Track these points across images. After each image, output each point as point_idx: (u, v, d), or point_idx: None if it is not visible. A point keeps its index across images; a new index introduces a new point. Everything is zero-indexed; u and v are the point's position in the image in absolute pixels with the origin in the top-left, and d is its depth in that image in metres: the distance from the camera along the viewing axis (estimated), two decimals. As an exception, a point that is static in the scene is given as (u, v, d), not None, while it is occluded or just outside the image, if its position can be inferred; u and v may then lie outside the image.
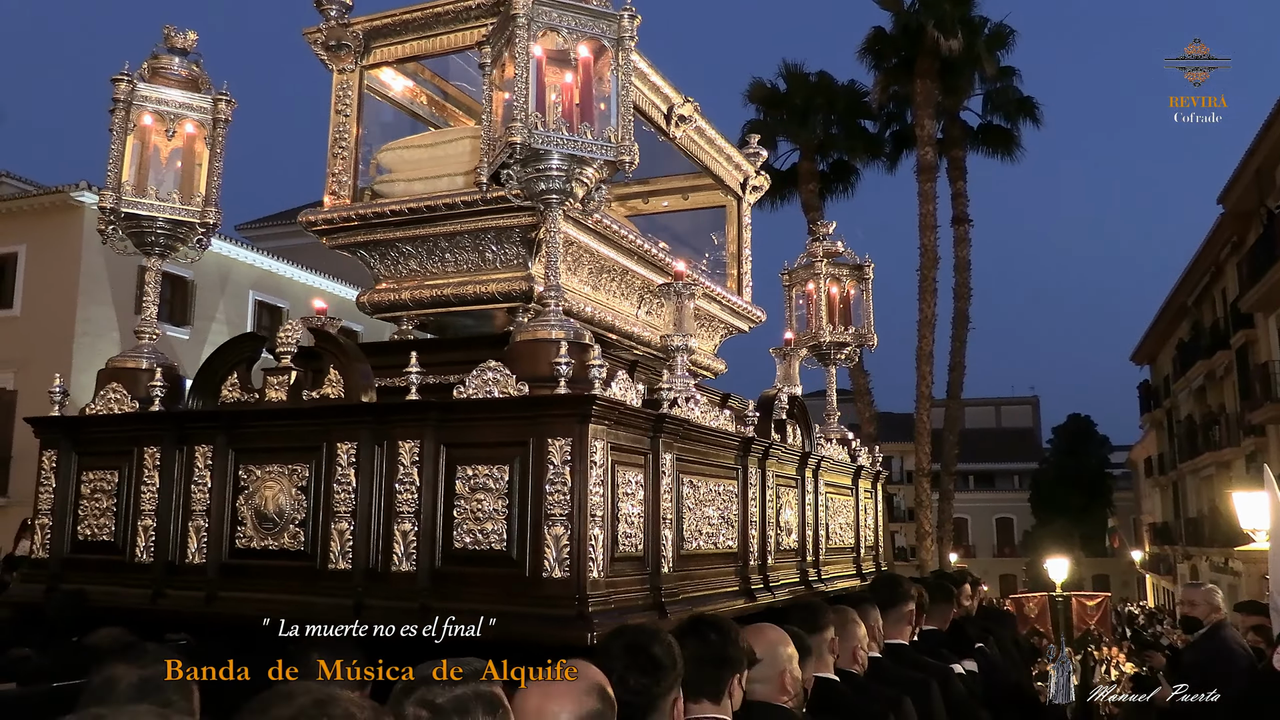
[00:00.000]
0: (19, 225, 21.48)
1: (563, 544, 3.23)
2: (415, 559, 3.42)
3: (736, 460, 4.35)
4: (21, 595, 4.16)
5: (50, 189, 21.84)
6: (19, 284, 21.49)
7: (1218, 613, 5.95)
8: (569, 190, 3.62)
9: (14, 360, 20.79)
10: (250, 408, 3.77)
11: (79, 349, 20.57)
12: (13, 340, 20.90)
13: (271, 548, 3.65)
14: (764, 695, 3.28)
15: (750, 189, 6.12)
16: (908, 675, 4.55)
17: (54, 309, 20.75)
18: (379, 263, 4.67)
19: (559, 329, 3.51)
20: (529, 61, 3.51)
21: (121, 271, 21.49)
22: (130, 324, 21.50)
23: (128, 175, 4.16)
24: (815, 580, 5.05)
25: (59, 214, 21.27)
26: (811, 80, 25.26)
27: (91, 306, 20.93)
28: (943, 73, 23.52)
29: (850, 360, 6.39)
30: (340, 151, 4.67)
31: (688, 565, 3.88)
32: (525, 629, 3.17)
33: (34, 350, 20.59)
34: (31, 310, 21.16)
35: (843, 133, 25.51)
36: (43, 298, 21.00)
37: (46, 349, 20.46)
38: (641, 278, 5.08)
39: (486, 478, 3.37)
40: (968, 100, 25.10)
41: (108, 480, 4.00)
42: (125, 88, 4.17)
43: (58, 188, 21.42)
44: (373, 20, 4.64)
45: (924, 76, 23.22)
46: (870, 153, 25.73)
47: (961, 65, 23.73)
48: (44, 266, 21.15)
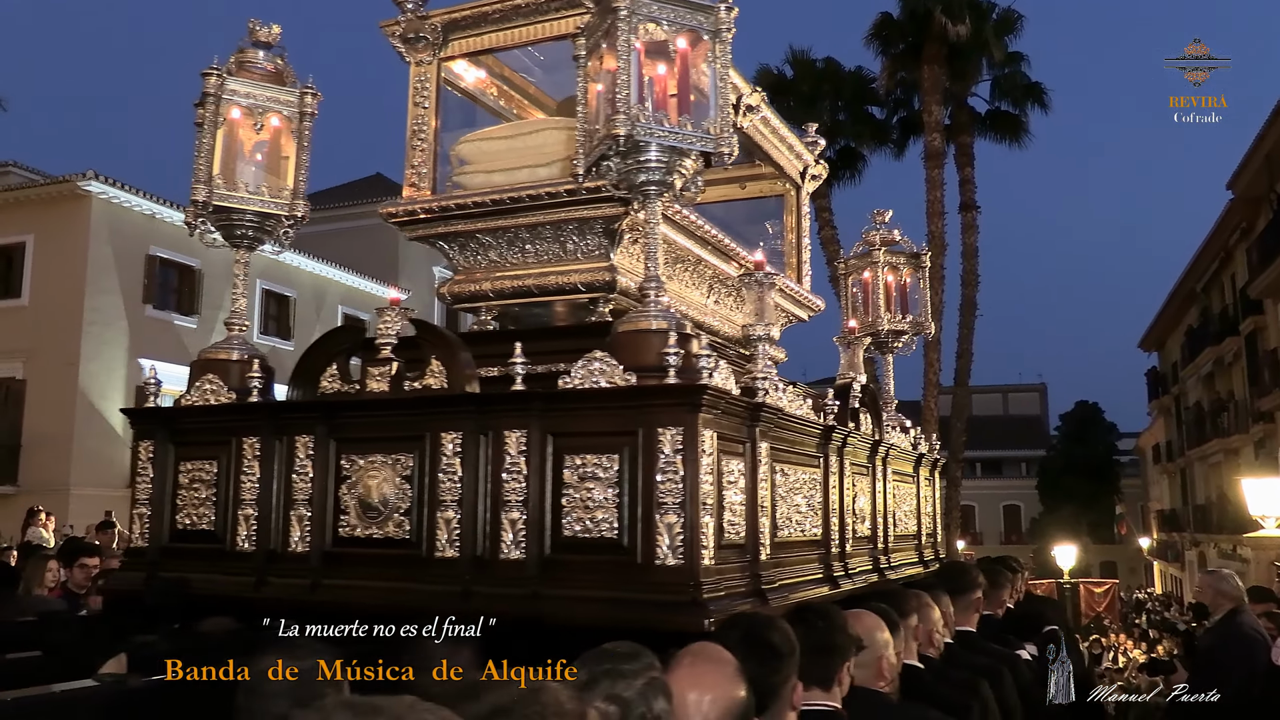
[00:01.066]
0: (26, 215, 21.53)
1: (675, 532, 3.29)
2: (524, 546, 3.48)
3: (818, 449, 4.41)
4: (120, 583, 4.22)
5: (57, 178, 21.88)
6: (27, 273, 21.53)
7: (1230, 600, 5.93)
8: (668, 182, 3.66)
9: (22, 349, 20.95)
10: (351, 398, 3.82)
11: (87, 338, 20.77)
12: (21, 330, 21.01)
13: (376, 536, 3.70)
14: (862, 681, 3.32)
15: (809, 177, 6.17)
16: (980, 661, 4.61)
17: (61, 298, 20.85)
18: (458, 254, 4.71)
19: (662, 319, 3.56)
20: (630, 54, 3.55)
21: (128, 262, 21.57)
22: (137, 313, 21.62)
23: (217, 169, 4.19)
24: (886, 567, 5.11)
25: (66, 203, 21.33)
26: (818, 67, 25.20)
27: (99, 295, 21.05)
28: (950, 58, 23.40)
29: (908, 349, 6.45)
30: (419, 144, 4.71)
31: (780, 553, 3.94)
32: (639, 615, 3.22)
33: (42, 339, 20.79)
34: (39, 300, 21.23)
35: (850, 119, 25.46)
36: (50, 287, 21.07)
37: (54, 338, 20.68)
38: (712, 267, 5.13)
39: (595, 466, 3.42)
40: (975, 86, 25.01)
41: (206, 470, 4.04)
42: (214, 82, 4.20)
43: (65, 177, 21.48)
44: (451, 13, 4.67)
45: (931, 62, 23.11)
46: (877, 139, 25.68)
47: (969, 51, 23.62)
48: (51, 256, 21.24)
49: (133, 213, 21.72)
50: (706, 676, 2.31)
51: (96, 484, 19.83)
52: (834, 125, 25.27)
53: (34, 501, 14.65)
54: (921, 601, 4.30)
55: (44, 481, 19.54)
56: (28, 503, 15.07)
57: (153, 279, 22.20)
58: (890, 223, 6.54)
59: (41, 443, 20.42)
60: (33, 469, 20.34)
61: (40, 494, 17.49)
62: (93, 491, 19.37)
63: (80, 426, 20.42)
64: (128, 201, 21.60)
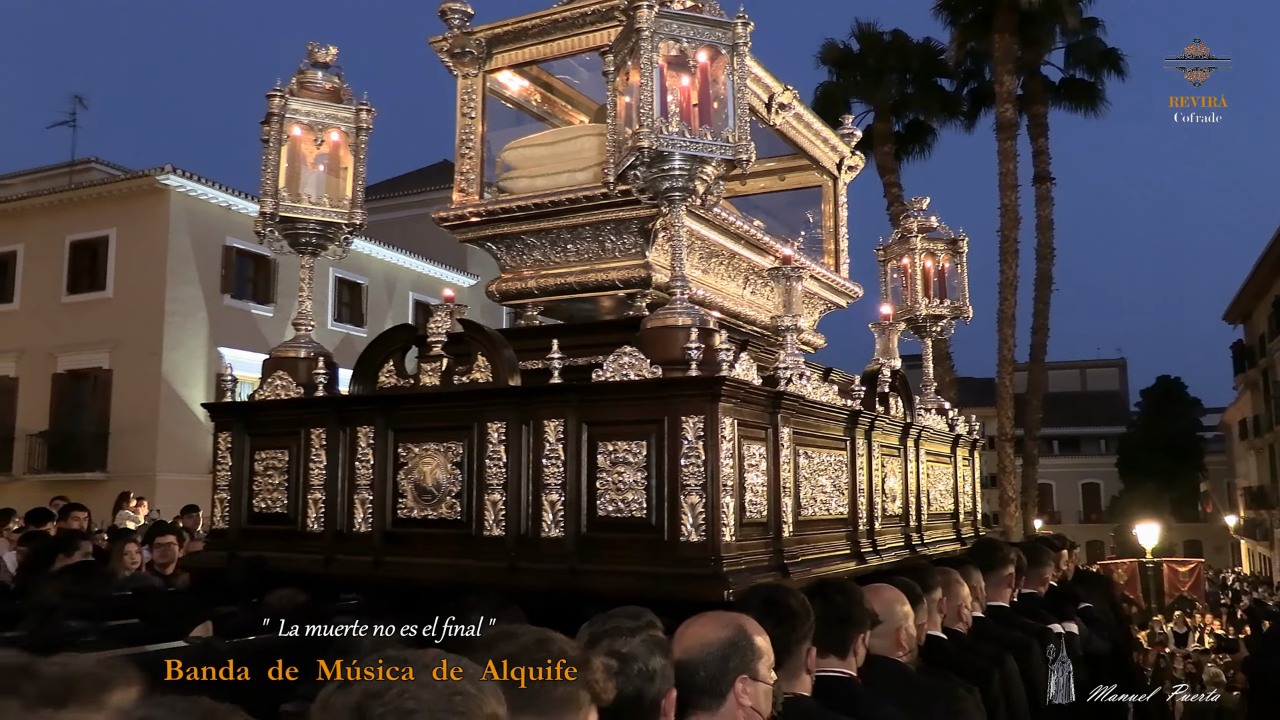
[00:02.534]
0: (108, 210, 22.32)
1: (698, 511, 3.59)
2: (563, 526, 3.81)
3: (845, 432, 4.66)
4: (204, 561, 4.66)
5: (137, 173, 22.62)
6: (110, 266, 22.31)
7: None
8: (691, 188, 3.94)
9: (108, 340, 21.74)
10: (406, 392, 4.18)
11: (168, 328, 21.49)
12: (106, 321, 21.82)
13: (430, 517, 4.07)
14: (881, 650, 3.59)
15: (846, 168, 6.38)
16: (1009, 635, 4.82)
17: (144, 290, 21.57)
18: (505, 254, 5.05)
19: (686, 316, 3.84)
20: (653, 70, 3.82)
21: (206, 253, 22.26)
22: (215, 302, 22.33)
23: (283, 182, 4.57)
24: (919, 545, 5.35)
25: (146, 197, 22.03)
26: (885, 39, 24.90)
27: (179, 287, 21.73)
28: (1022, 26, 22.94)
29: (946, 333, 6.64)
30: (467, 151, 5.05)
31: (804, 530, 4.21)
32: (666, 587, 3.52)
33: (126, 330, 21.54)
34: (123, 292, 21.99)
35: (918, 92, 25.20)
36: (133, 279, 21.80)
37: (137, 329, 21.42)
38: (747, 260, 5.39)
39: (626, 452, 3.74)
40: (1048, 54, 24.58)
41: (278, 458, 4.45)
42: (279, 102, 4.58)
43: (144, 172, 22.17)
44: (494, 28, 4.98)
45: (1002, 31, 22.69)
46: (947, 112, 25.38)
47: (1041, 18, 23.09)
48: (133, 249, 21.95)
49: (209, 205, 22.37)
50: (702, 617, 2.65)
51: (181, 470, 20.54)
52: (902, 98, 25.01)
53: (122, 487, 15.27)
54: (949, 577, 4.54)
55: (131, 468, 20.30)
56: (116, 488, 15.68)
57: (230, 269, 22.88)
58: (928, 209, 6.72)
59: (128, 430, 21.21)
60: (120, 456, 21.13)
61: (127, 480, 18.17)
62: (177, 477, 20.08)
63: (164, 414, 21.17)
64: (204, 194, 22.23)
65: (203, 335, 22.13)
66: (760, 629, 2.69)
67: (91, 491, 17.96)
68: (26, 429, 22.31)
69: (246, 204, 22.88)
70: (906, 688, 3.59)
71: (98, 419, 21.87)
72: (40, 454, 22.10)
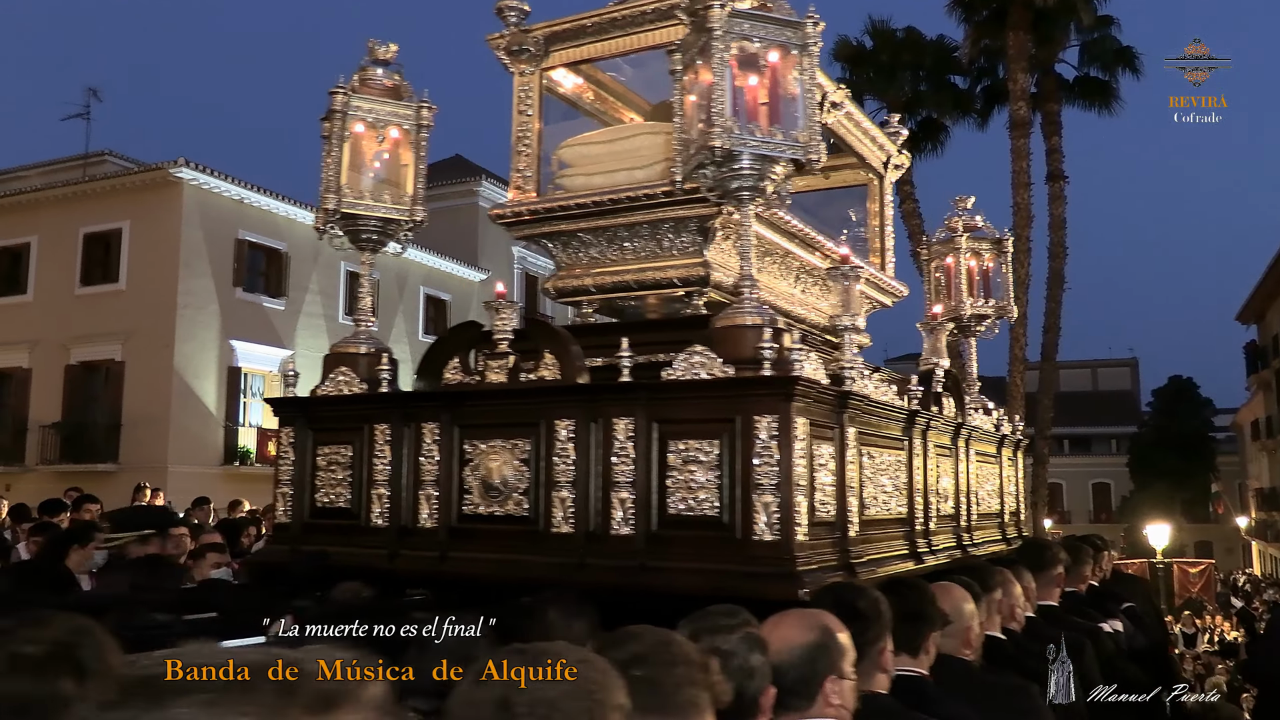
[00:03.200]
0: (122, 202, 22.32)
1: (772, 510, 3.61)
2: (633, 523, 3.83)
3: (903, 432, 4.68)
4: (267, 555, 4.69)
5: (150, 166, 22.58)
6: (123, 259, 22.30)
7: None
8: (760, 187, 3.95)
9: (121, 332, 21.74)
10: (473, 389, 4.20)
11: (181, 320, 21.47)
12: (119, 313, 21.80)
13: (497, 513, 4.09)
14: (949, 649, 3.61)
15: (892, 167, 6.39)
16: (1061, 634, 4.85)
17: (156, 282, 21.55)
18: (560, 251, 5.06)
19: (756, 315, 3.86)
20: (724, 70, 3.83)
21: (218, 246, 22.27)
22: (227, 295, 22.32)
23: (344, 179, 4.59)
24: (969, 545, 5.37)
25: (159, 190, 22.00)
26: (899, 36, 24.65)
27: (192, 279, 21.73)
28: (1036, 24, 22.72)
29: (990, 332, 6.65)
30: (523, 149, 5.06)
31: (868, 530, 4.23)
32: (738, 585, 3.53)
33: (139, 322, 21.51)
34: (136, 284, 21.99)
35: (931, 89, 24.95)
36: (146, 272, 21.79)
37: (151, 321, 21.39)
38: (799, 259, 5.40)
39: (697, 451, 3.75)
40: (1063, 52, 24.27)
41: (341, 454, 4.47)
42: (341, 99, 4.59)
43: (157, 165, 22.15)
44: (553, 26, 5.00)
45: (1017, 28, 22.48)
46: (960, 109, 25.11)
47: (1056, 15, 22.86)
48: (146, 242, 21.94)
49: (222, 198, 22.39)
50: (788, 618, 2.66)
51: (192, 462, 20.67)
52: (915, 96, 24.74)
53: (134, 479, 15.23)
54: (1004, 577, 4.57)
55: (143, 459, 20.24)
56: (129, 480, 15.68)
57: (242, 262, 22.89)
58: (973, 208, 6.73)
59: (140, 422, 21.18)
60: (132, 447, 21.10)
61: (139, 471, 18.02)
62: (189, 469, 20.18)
63: (176, 406, 21.20)
64: (217, 187, 22.24)
65: (214, 328, 22.15)
66: (842, 626, 2.71)
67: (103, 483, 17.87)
68: (39, 420, 22.34)
69: (258, 197, 22.92)
70: (976, 687, 3.62)
71: (110, 410, 21.85)
72: (53, 445, 22.12)
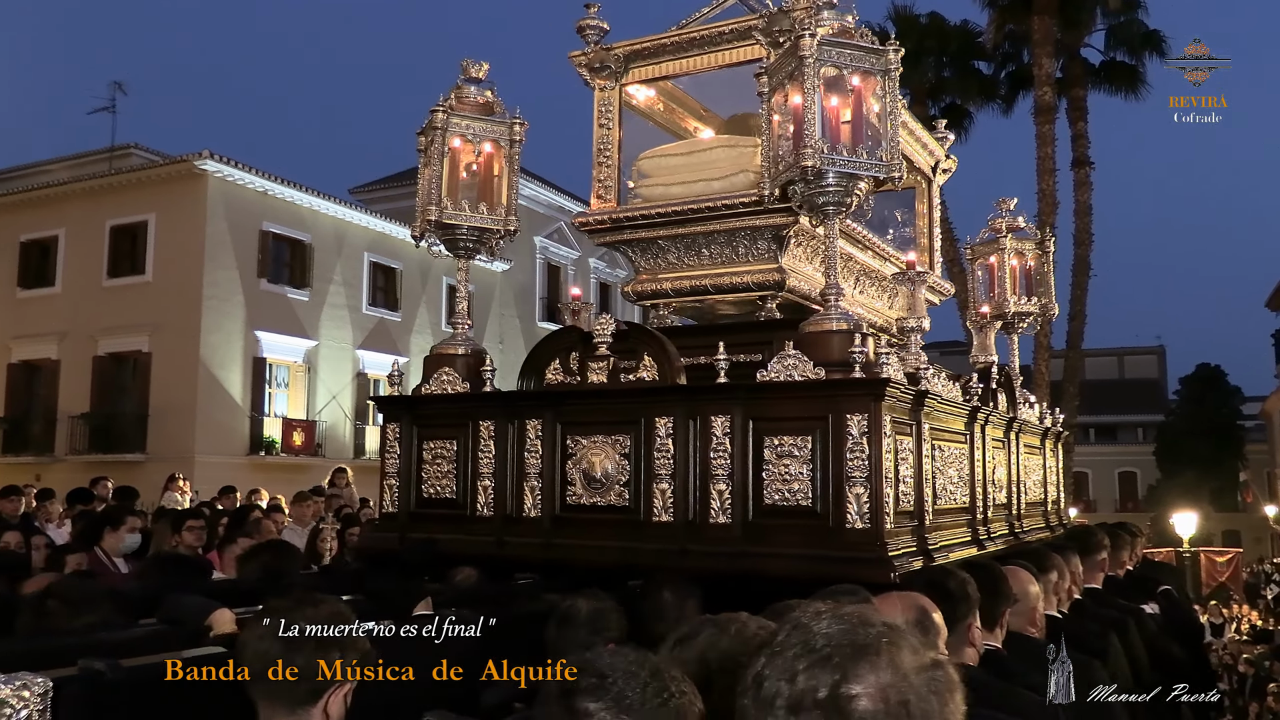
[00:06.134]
0: (147, 195, 22.45)
1: (863, 501, 3.94)
2: (730, 513, 4.16)
3: (965, 426, 5.01)
4: (375, 542, 5.03)
5: (175, 158, 22.74)
6: (150, 251, 22.46)
7: None
8: (845, 203, 4.27)
9: (148, 323, 21.87)
10: (576, 389, 4.53)
11: (207, 311, 21.60)
12: (146, 305, 21.98)
13: (599, 504, 4.43)
14: (1016, 627, 3.96)
15: (940, 171, 6.71)
16: (1108, 614, 5.19)
17: (182, 274, 21.73)
18: (639, 257, 5.39)
19: (844, 321, 4.19)
20: (815, 94, 4.15)
21: (243, 237, 22.43)
22: (252, 286, 22.51)
23: (445, 191, 4.91)
24: (1020, 531, 5.71)
25: (184, 182, 22.14)
26: (922, 22, 24.36)
27: (217, 271, 21.89)
28: (1062, 8, 22.46)
29: (1033, 329, 6.97)
30: (604, 160, 5.38)
31: (939, 518, 4.57)
32: (832, 570, 3.85)
33: (165, 314, 21.66)
34: (161, 275, 22.14)
35: (955, 75, 24.67)
36: (171, 263, 21.97)
37: (177, 312, 21.52)
38: (861, 263, 5.72)
39: (792, 446, 4.09)
40: (1089, 36, 23.93)
41: (446, 448, 4.80)
42: (441, 117, 4.91)
43: (182, 157, 22.28)
44: (633, 45, 5.31)
45: (1042, 13, 22.19)
46: (985, 95, 24.83)
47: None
48: (172, 233, 22.10)
49: (246, 190, 22.54)
50: (889, 600, 3.00)
51: (219, 452, 20.87)
52: (939, 82, 24.40)
53: (162, 469, 15.49)
54: (1058, 560, 4.91)
55: (170, 450, 20.45)
56: (156, 470, 15.90)
57: (266, 253, 22.99)
58: (1015, 209, 7.05)
59: (167, 413, 21.39)
60: (159, 438, 21.29)
61: (167, 462, 18.31)
62: (216, 459, 20.32)
63: (202, 397, 21.40)
64: (241, 179, 22.37)
65: (240, 319, 22.31)
66: (935, 607, 3.05)
67: (131, 473, 18.12)
68: (68, 411, 22.59)
69: (282, 189, 23.12)
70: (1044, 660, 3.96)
71: (137, 401, 22.08)
72: (81, 435, 22.37)
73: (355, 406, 24.00)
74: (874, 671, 1.14)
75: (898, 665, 1.15)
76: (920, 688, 1.15)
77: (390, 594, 3.75)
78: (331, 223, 24.40)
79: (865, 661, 1.15)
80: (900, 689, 1.14)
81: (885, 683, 1.14)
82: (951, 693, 1.18)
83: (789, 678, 1.16)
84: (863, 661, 1.15)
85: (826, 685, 1.14)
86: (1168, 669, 5.55)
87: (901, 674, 1.15)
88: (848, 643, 1.17)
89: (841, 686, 1.13)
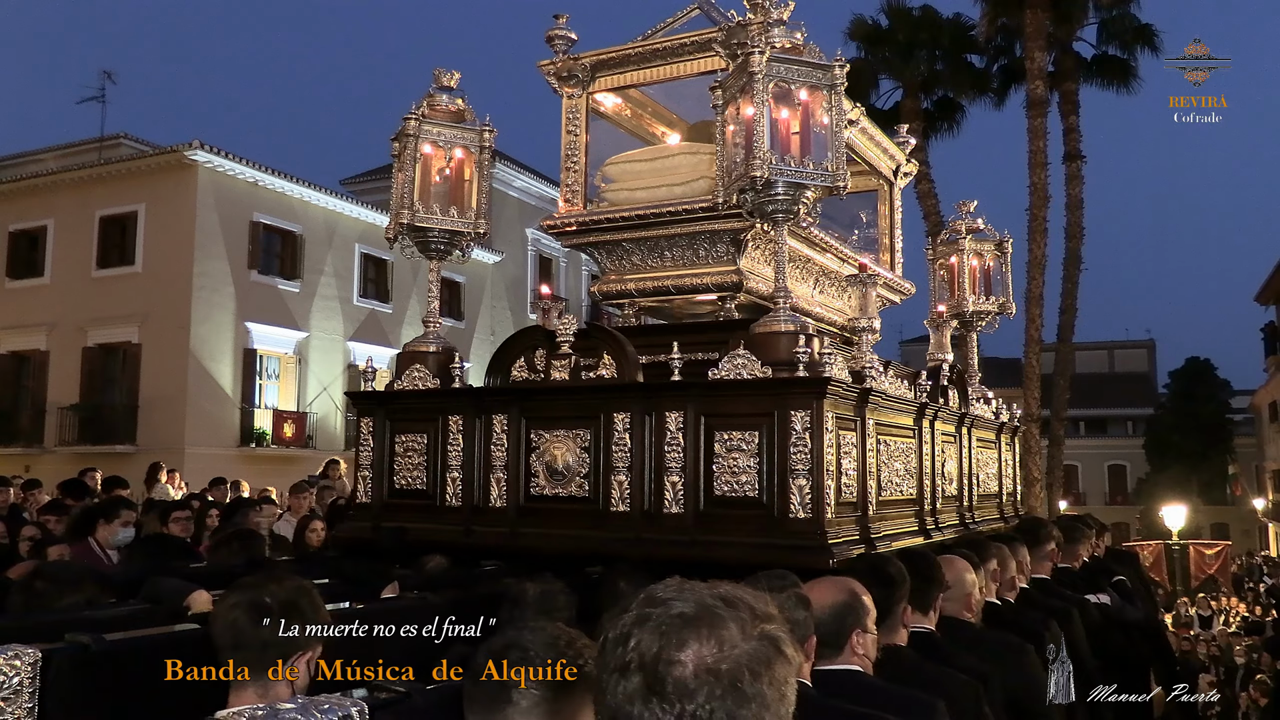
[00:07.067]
0: (137, 185, 22.50)
1: (805, 492, 4.19)
2: (683, 503, 4.41)
3: (914, 422, 5.26)
4: (349, 532, 5.27)
5: (165, 149, 22.73)
6: (139, 241, 22.52)
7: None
8: (793, 210, 4.51)
9: (137, 314, 21.99)
10: (539, 385, 4.77)
11: (196, 302, 21.69)
12: (135, 295, 22.04)
13: (561, 494, 4.67)
14: (952, 612, 4.22)
15: (901, 174, 6.95)
16: (1052, 603, 5.46)
17: (172, 265, 21.82)
18: (605, 258, 5.63)
19: (790, 322, 4.43)
20: (764, 108, 4.39)
21: (233, 228, 22.45)
22: (242, 277, 22.52)
23: (416, 195, 5.13)
24: (971, 522, 5.97)
25: (174, 173, 22.17)
26: (915, 15, 24.63)
27: (207, 261, 21.96)
28: (1055, 1, 22.67)
29: (991, 327, 7.23)
30: (572, 165, 5.62)
31: (883, 509, 4.82)
32: (776, 557, 4.09)
33: (155, 304, 21.74)
34: (151, 266, 22.24)
35: (948, 69, 24.86)
36: (161, 254, 22.02)
37: (166, 303, 21.59)
38: (818, 264, 5.97)
39: (740, 440, 4.33)
40: (1081, 30, 24.14)
41: (417, 441, 5.05)
42: (414, 124, 5.13)
43: (172, 147, 22.26)
44: (600, 54, 5.54)
45: (1034, 6, 22.32)
46: (977, 88, 25.04)
47: (1075, -8, 22.77)
48: (161, 224, 22.14)
49: (237, 180, 22.60)
50: (822, 582, 3.25)
51: (209, 443, 21.01)
52: (931, 75, 24.63)
53: (151, 460, 15.40)
54: (1001, 550, 5.17)
55: (160, 441, 20.58)
56: (146, 461, 15.73)
57: (257, 244, 23.08)
58: (975, 211, 7.30)
59: (156, 404, 21.48)
60: (149, 429, 21.40)
61: (156, 453, 18.30)
62: (206, 450, 20.52)
63: (192, 388, 21.50)
64: (232, 170, 22.45)
65: (230, 310, 22.38)
66: (867, 590, 3.31)
67: (121, 464, 18.04)
68: (57, 402, 22.67)
69: (273, 179, 23.21)
70: (978, 643, 4.23)
71: (127, 392, 22.16)
72: (71, 426, 22.45)
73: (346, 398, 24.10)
74: (697, 642, 1.24)
75: (722, 638, 1.25)
76: (740, 658, 1.25)
77: (360, 578, 4.00)
78: (322, 214, 24.50)
79: (691, 632, 1.25)
80: (717, 658, 1.24)
81: (705, 653, 1.24)
82: (770, 666, 1.26)
83: (624, 643, 1.28)
84: (688, 632, 1.25)
85: (651, 652, 1.25)
86: (1112, 656, 5.83)
87: (724, 646, 1.25)
88: (677, 614, 1.27)
89: (664, 653, 1.24)
